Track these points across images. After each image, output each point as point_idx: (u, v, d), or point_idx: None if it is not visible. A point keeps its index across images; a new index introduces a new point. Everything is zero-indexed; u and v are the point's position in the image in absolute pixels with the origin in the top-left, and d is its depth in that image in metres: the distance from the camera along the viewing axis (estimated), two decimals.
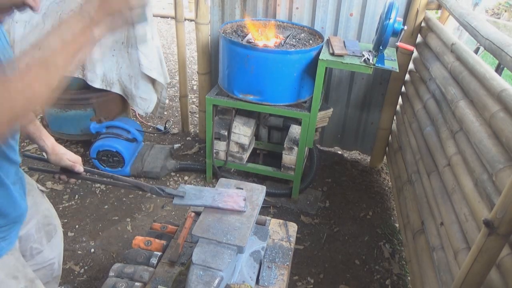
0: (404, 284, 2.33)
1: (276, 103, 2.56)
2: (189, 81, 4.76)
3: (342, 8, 2.78)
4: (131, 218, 2.67)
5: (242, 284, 1.37)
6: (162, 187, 1.38)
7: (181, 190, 1.39)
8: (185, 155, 3.38)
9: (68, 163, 1.39)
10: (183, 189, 1.39)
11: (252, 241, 1.52)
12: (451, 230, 1.64)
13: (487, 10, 7.62)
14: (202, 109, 3.44)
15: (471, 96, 1.78)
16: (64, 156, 1.39)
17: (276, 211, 2.83)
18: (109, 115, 3.13)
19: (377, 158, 3.36)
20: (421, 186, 2.19)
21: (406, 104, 2.84)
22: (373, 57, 2.35)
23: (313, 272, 2.36)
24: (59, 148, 1.38)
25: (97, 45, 3.21)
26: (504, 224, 1.18)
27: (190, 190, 1.39)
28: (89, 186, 2.92)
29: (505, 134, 1.40)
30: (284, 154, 2.79)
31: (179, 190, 1.38)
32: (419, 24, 2.71)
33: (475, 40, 1.79)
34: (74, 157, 1.42)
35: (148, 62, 2.84)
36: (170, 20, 7.12)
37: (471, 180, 1.59)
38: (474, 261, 1.29)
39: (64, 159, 1.38)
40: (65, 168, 1.40)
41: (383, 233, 2.69)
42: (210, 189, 1.41)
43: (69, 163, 1.39)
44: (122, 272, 1.54)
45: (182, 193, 1.37)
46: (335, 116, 3.20)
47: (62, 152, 1.38)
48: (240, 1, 2.93)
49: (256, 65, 2.43)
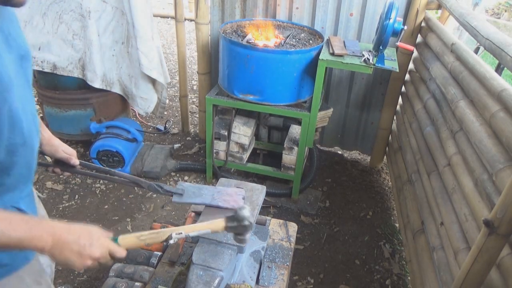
0: (404, 284, 2.33)
1: (276, 103, 2.56)
2: (189, 81, 4.76)
3: (342, 8, 2.78)
4: (131, 218, 2.67)
5: (242, 284, 1.37)
6: (161, 184, 1.36)
7: (179, 187, 1.37)
8: (185, 155, 3.38)
9: (64, 155, 1.35)
10: (182, 187, 1.37)
11: (252, 241, 1.52)
12: (451, 230, 1.64)
13: (487, 10, 7.62)
14: (202, 109, 3.44)
15: (471, 96, 1.78)
16: (59, 148, 1.35)
17: (276, 211, 2.83)
18: (109, 115, 3.13)
19: (377, 158, 3.36)
20: (421, 186, 2.19)
21: (406, 104, 2.84)
22: (373, 57, 2.35)
23: (313, 272, 2.36)
24: (54, 139, 1.35)
25: (97, 45, 3.18)
26: (504, 224, 1.18)
27: (189, 188, 1.37)
28: (89, 186, 2.92)
29: (505, 134, 1.40)
30: (284, 154, 2.79)
31: (177, 188, 1.36)
32: (419, 24, 2.71)
33: (475, 40, 1.79)
34: (69, 150, 1.38)
35: (148, 62, 2.84)
36: (170, 20, 7.12)
37: (471, 180, 1.58)
38: (474, 261, 1.29)
39: (60, 151, 1.35)
40: (60, 161, 1.36)
41: (383, 233, 2.69)
42: (209, 187, 1.40)
43: (64, 155, 1.35)
44: (122, 272, 1.54)
45: (181, 190, 1.36)
46: (335, 116, 3.20)
47: (57, 144, 1.35)
48: (240, 1, 2.93)
49: (256, 65, 2.43)
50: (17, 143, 0.97)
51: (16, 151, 0.98)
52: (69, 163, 1.36)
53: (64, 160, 1.35)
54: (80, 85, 2.96)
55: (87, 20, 2.72)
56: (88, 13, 2.71)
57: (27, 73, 1.03)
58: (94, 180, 2.97)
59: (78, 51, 2.82)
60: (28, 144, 1.02)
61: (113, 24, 2.83)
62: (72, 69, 2.85)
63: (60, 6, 2.71)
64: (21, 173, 1.04)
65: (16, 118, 0.95)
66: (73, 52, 2.82)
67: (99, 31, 2.79)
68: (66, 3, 2.70)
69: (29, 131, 1.02)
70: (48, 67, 2.81)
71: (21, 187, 1.07)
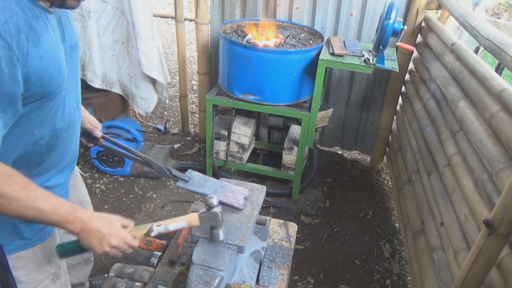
0: (404, 284, 2.33)
1: (276, 103, 2.56)
2: (189, 81, 4.76)
3: (342, 8, 2.78)
4: (131, 218, 2.65)
5: (242, 284, 1.37)
6: (170, 168, 1.40)
7: (187, 175, 1.41)
8: (185, 155, 3.38)
9: (89, 126, 1.41)
10: (190, 174, 1.41)
11: (252, 241, 1.52)
12: (451, 230, 1.64)
13: (487, 10, 7.62)
14: (202, 109, 3.45)
15: (471, 96, 1.78)
16: (87, 119, 1.41)
17: (276, 211, 2.83)
18: (109, 115, 3.13)
19: (377, 158, 3.36)
20: (421, 186, 2.19)
21: (406, 104, 2.84)
22: (373, 57, 2.35)
23: (313, 272, 2.36)
24: (84, 110, 1.40)
25: (97, 45, 3.18)
26: (504, 224, 1.18)
27: (195, 177, 1.41)
28: (89, 186, 2.92)
29: (505, 134, 1.40)
30: (284, 154, 2.79)
31: (185, 175, 1.40)
32: (419, 24, 2.71)
33: (475, 40, 1.79)
34: (95, 122, 1.45)
35: (148, 62, 2.84)
36: (170, 20, 7.12)
37: (471, 180, 1.58)
38: (474, 261, 1.29)
39: (87, 121, 1.41)
40: (86, 132, 1.41)
41: (383, 233, 2.69)
42: (215, 180, 1.42)
43: (90, 126, 1.41)
44: (122, 272, 1.54)
45: (187, 177, 1.39)
46: (335, 116, 3.20)
47: (86, 115, 1.41)
48: (240, 1, 2.93)
49: (256, 65, 2.43)
50: (62, 128, 1.09)
51: (60, 136, 1.10)
52: (92, 134, 1.42)
53: (89, 130, 1.41)
54: None
55: (87, 20, 2.72)
56: (88, 13, 2.71)
57: (76, 62, 1.16)
58: (94, 180, 2.98)
59: None
60: (71, 129, 1.14)
61: (113, 24, 2.83)
62: None
63: None
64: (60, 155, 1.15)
65: (63, 105, 1.07)
66: None
67: (99, 31, 2.79)
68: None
69: (73, 117, 1.14)
70: None
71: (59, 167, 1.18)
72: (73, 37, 1.12)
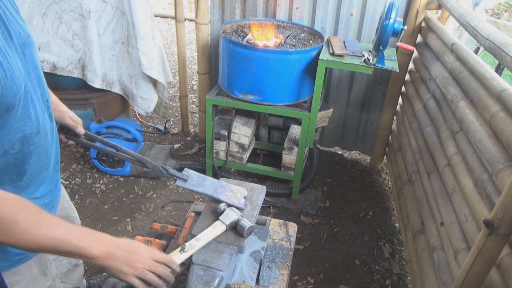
0: (404, 284, 2.33)
1: (276, 103, 2.56)
2: (189, 81, 4.76)
3: (342, 8, 2.78)
4: (131, 218, 2.67)
5: (242, 284, 1.37)
6: (166, 167, 1.35)
7: (185, 173, 1.38)
8: (185, 155, 3.38)
9: (71, 122, 1.33)
10: (187, 173, 1.38)
11: (252, 241, 1.52)
12: (451, 230, 1.64)
13: (487, 10, 7.62)
14: (202, 109, 3.44)
15: (471, 96, 1.78)
16: (66, 114, 1.32)
17: (276, 211, 2.83)
18: (109, 115, 3.13)
19: (377, 158, 3.36)
20: (421, 186, 2.19)
21: (406, 104, 2.84)
22: (373, 57, 2.35)
23: (313, 272, 2.36)
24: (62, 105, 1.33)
25: (97, 45, 3.18)
26: (504, 224, 1.18)
27: (193, 176, 1.38)
28: (89, 186, 2.92)
29: (505, 134, 1.40)
30: (284, 154, 2.79)
31: (183, 173, 1.37)
32: (419, 24, 2.71)
33: (475, 40, 1.79)
34: (76, 118, 1.36)
35: (148, 62, 2.84)
36: (170, 20, 7.12)
37: (471, 180, 1.58)
38: (474, 261, 1.28)
39: (67, 117, 1.32)
40: (66, 128, 1.34)
41: (383, 233, 2.69)
42: (213, 180, 1.40)
43: (71, 123, 1.33)
44: None
45: (185, 176, 1.36)
46: (335, 116, 3.20)
47: (65, 110, 1.32)
48: (240, 1, 2.93)
49: (256, 65, 2.43)
50: (31, 133, 0.99)
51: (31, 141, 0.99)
52: (74, 131, 1.34)
53: (70, 127, 1.33)
54: (80, 85, 2.96)
55: (87, 20, 2.72)
56: (88, 13, 2.71)
57: (32, 59, 1.00)
58: (94, 180, 2.97)
59: (78, 51, 2.83)
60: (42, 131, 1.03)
61: (113, 24, 2.83)
62: (72, 69, 2.86)
63: (60, 6, 2.71)
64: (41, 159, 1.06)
65: (28, 109, 0.96)
66: (73, 52, 2.82)
67: (99, 31, 2.79)
68: (66, 3, 2.70)
69: (42, 118, 1.03)
70: (48, 67, 2.81)
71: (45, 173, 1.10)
72: (22, 32, 0.95)
